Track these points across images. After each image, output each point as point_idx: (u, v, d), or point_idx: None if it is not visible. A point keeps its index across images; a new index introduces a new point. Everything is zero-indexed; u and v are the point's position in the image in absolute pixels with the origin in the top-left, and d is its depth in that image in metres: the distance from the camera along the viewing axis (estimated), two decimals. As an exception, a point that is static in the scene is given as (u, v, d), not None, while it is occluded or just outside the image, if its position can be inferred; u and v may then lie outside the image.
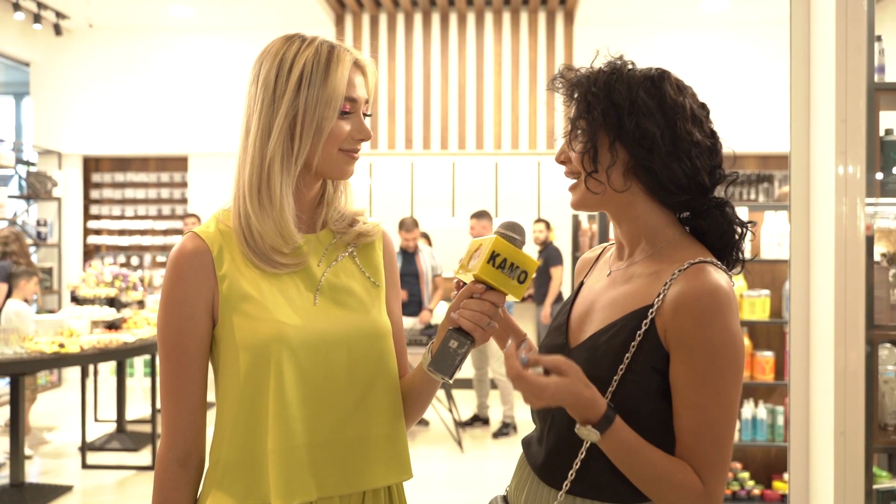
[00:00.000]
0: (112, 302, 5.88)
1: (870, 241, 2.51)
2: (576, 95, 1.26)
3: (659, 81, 1.23)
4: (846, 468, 2.48)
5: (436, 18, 8.64)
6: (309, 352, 1.25)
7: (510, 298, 1.20)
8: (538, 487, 1.27)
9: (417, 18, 8.67)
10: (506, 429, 6.29)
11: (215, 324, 1.27)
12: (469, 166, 9.42)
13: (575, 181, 1.28)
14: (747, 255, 1.30)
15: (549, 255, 7.21)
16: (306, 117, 1.24)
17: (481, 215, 6.39)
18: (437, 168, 9.40)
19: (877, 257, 2.69)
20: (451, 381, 1.21)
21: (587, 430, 1.14)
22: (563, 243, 7.89)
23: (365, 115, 1.31)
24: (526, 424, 6.61)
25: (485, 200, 9.35)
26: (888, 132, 2.64)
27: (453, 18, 8.64)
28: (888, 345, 2.99)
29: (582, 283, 1.41)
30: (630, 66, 1.25)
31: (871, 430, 2.52)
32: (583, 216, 6.45)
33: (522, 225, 1.23)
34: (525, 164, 9.17)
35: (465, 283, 1.23)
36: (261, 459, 1.23)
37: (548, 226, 7.47)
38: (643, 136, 1.20)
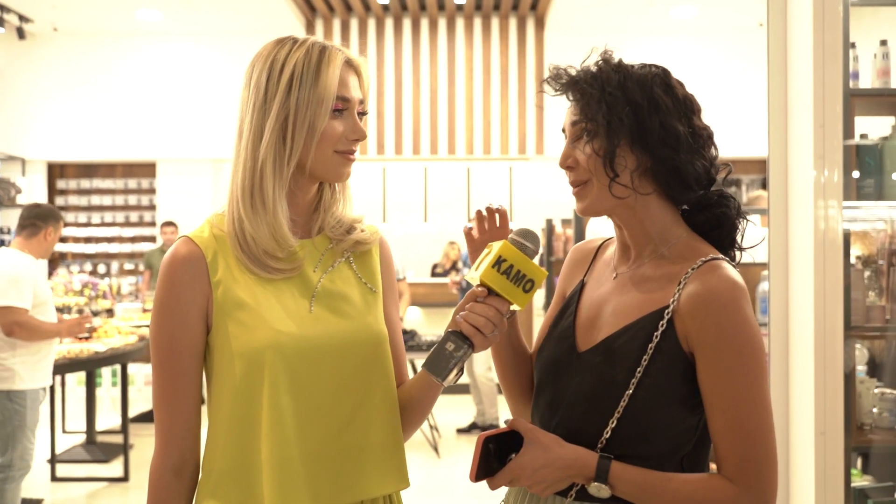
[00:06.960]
0: (81, 311, 5.77)
1: (847, 244, 2.56)
2: (580, 96, 1.18)
3: (666, 77, 1.20)
4: (826, 467, 2.51)
5: (407, 24, 8.64)
6: (304, 360, 1.23)
7: (513, 307, 1.16)
8: (537, 498, 1.21)
9: (389, 23, 8.66)
10: (475, 428, 6.21)
11: (209, 330, 1.25)
12: (441, 171, 9.43)
13: (581, 187, 1.20)
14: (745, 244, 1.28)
15: None
16: (298, 118, 1.23)
17: None
18: (409, 173, 9.39)
19: (852, 259, 2.73)
20: (443, 384, 1.16)
21: (595, 487, 1.12)
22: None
23: (361, 114, 1.30)
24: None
25: (457, 205, 9.37)
26: (863, 137, 2.69)
27: (424, 24, 8.64)
28: (858, 345, 3.05)
29: (583, 284, 1.33)
30: (628, 64, 1.20)
31: (849, 429, 2.56)
32: (556, 220, 6.47)
33: (538, 234, 1.19)
34: (497, 168, 9.20)
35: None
36: (254, 469, 1.21)
37: None
38: (668, 135, 1.16)
